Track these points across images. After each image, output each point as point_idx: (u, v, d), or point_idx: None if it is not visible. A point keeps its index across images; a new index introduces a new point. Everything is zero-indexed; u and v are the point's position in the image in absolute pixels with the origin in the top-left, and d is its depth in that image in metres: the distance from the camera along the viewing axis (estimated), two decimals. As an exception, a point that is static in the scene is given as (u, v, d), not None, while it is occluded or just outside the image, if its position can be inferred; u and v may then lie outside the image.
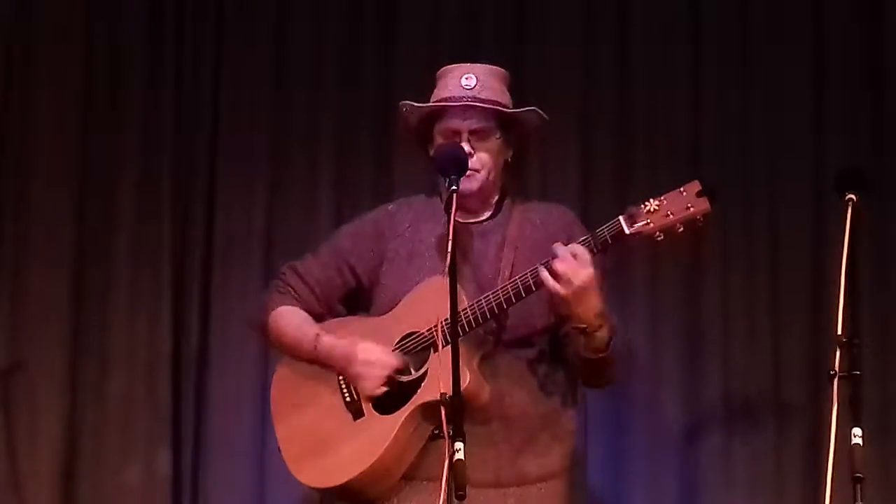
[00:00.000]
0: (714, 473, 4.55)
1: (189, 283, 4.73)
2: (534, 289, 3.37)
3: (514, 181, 3.71)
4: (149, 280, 4.73)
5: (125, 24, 4.85)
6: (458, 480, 3.01)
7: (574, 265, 3.29)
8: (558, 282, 3.30)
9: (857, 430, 3.34)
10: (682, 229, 3.33)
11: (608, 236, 3.36)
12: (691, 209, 3.30)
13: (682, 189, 3.33)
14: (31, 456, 4.66)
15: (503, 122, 3.57)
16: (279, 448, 3.57)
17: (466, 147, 3.51)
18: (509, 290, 3.41)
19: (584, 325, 3.37)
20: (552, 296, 3.34)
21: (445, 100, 3.54)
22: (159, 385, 4.67)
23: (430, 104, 3.56)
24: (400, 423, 3.43)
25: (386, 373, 3.47)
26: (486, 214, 3.61)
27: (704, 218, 3.32)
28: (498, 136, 3.58)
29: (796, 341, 4.60)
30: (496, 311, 3.42)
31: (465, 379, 3.29)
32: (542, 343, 3.56)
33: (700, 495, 4.56)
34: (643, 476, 4.57)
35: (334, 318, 3.63)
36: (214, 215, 4.77)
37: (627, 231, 3.34)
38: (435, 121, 3.58)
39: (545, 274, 3.32)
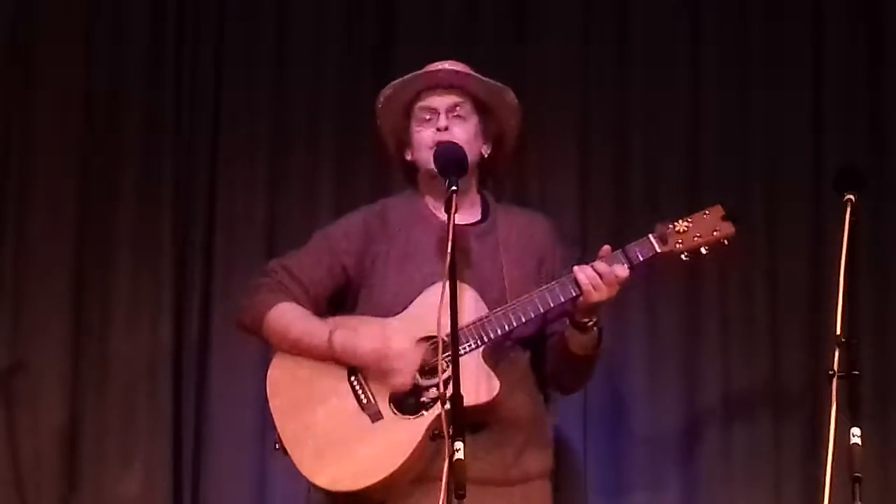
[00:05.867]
0: (713, 473, 4.55)
1: (190, 284, 4.73)
2: (573, 293, 3.43)
3: (495, 185, 3.80)
4: (149, 280, 4.73)
5: (125, 24, 4.84)
6: (458, 480, 3.02)
7: (612, 278, 3.42)
8: (595, 288, 3.41)
9: (855, 430, 3.37)
10: (707, 250, 3.49)
11: (639, 253, 3.44)
12: (717, 233, 3.49)
13: (705, 212, 3.51)
14: (33, 455, 4.65)
15: (479, 108, 3.62)
16: (283, 448, 3.51)
17: (443, 122, 3.56)
18: (547, 297, 3.46)
19: (588, 320, 3.47)
20: (582, 294, 3.43)
21: (418, 75, 3.60)
22: (159, 385, 4.67)
23: (406, 76, 3.60)
24: (427, 425, 3.42)
25: (416, 367, 3.47)
26: (478, 216, 3.64)
27: (730, 241, 3.50)
28: (475, 120, 3.61)
29: (795, 341, 4.60)
30: (532, 316, 3.47)
31: (495, 388, 3.39)
32: (532, 348, 3.61)
33: (699, 495, 4.56)
34: (643, 475, 4.57)
35: (321, 318, 3.62)
36: (215, 216, 4.77)
37: (659, 250, 3.47)
38: (411, 113, 3.62)
39: (582, 276, 3.42)
